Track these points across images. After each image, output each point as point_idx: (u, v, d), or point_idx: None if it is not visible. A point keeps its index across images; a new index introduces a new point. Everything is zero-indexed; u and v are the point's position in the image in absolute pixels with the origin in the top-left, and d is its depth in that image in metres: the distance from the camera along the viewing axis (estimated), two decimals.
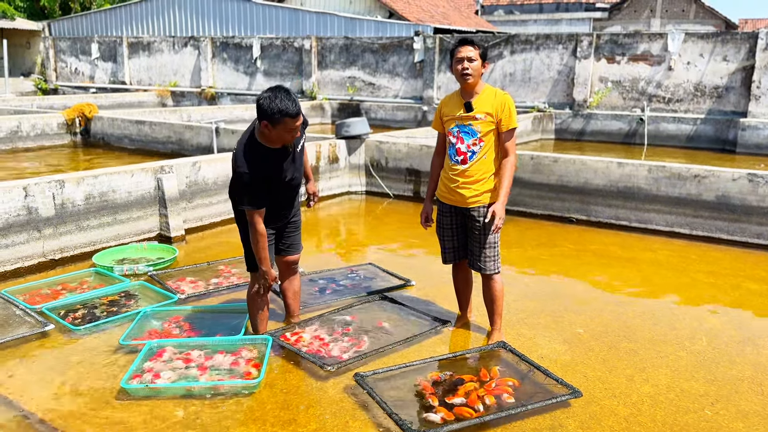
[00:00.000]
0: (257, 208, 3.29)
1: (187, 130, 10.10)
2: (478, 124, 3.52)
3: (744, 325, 4.19)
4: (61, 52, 22.50)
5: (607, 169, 6.58)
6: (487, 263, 3.66)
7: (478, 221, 3.59)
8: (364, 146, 8.18)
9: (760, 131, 11.91)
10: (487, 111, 3.50)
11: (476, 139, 3.53)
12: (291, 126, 3.19)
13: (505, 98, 3.52)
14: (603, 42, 13.69)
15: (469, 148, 3.54)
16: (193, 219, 6.25)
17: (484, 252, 3.64)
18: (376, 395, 3.06)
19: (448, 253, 3.85)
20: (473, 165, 3.55)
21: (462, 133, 3.56)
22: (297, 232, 3.76)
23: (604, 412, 3.06)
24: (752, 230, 5.92)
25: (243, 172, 3.24)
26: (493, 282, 3.72)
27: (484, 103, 3.52)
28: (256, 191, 3.26)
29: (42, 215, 5.01)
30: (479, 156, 3.54)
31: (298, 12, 20.50)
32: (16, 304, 4.15)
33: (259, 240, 3.35)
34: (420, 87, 15.73)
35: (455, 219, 3.73)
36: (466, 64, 3.46)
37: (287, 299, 3.94)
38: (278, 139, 3.26)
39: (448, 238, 3.80)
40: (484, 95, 3.54)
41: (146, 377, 3.24)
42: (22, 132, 11.08)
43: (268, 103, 3.12)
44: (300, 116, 3.20)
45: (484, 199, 3.58)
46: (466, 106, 3.54)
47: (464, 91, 3.58)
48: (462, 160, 3.57)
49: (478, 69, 3.48)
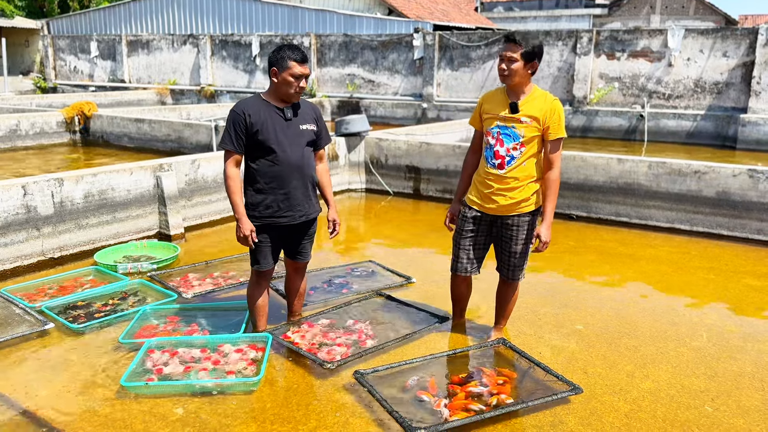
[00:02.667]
0: (231, 147, 3.32)
1: (186, 128, 10.09)
2: (522, 127, 3.27)
3: (745, 321, 4.18)
4: (60, 51, 22.48)
5: (607, 166, 6.57)
6: (515, 272, 3.54)
7: (513, 230, 3.41)
8: (363, 143, 8.16)
9: (761, 127, 11.89)
10: (534, 115, 3.26)
11: (517, 144, 3.28)
12: (296, 72, 3.29)
13: (555, 104, 3.28)
14: (603, 38, 13.66)
15: (509, 152, 3.29)
16: (193, 217, 6.25)
17: (514, 261, 3.50)
18: (377, 393, 3.06)
19: (460, 264, 3.58)
20: (511, 171, 3.30)
21: (503, 134, 3.31)
22: (311, 242, 3.72)
23: (604, 408, 3.06)
24: (753, 226, 5.91)
25: (231, 110, 3.38)
26: (513, 287, 3.66)
27: (531, 106, 3.28)
28: (236, 131, 3.31)
29: (41, 214, 5.00)
30: (518, 162, 3.29)
31: (297, 9, 20.46)
32: (16, 303, 4.14)
33: (229, 185, 3.35)
34: (420, 84, 15.71)
35: (480, 228, 3.49)
36: (505, 64, 3.23)
37: (291, 299, 3.93)
38: (284, 88, 3.32)
39: (465, 248, 3.54)
40: (532, 97, 3.30)
41: (146, 375, 3.23)
42: (21, 131, 11.07)
43: (277, 50, 3.36)
44: (306, 64, 3.34)
45: (520, 209, 3.36)
46: (511, 106, 3.29)
47: (510, 90, 3.34)
48: (499, 164, 3.32)
49: (520, 70, 3.22)
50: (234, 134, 3.32)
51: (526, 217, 3.41)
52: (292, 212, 3.45)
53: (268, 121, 3.34)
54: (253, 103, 3.38)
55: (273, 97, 3.41)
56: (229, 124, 3.35)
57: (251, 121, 3.31)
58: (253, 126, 3.31)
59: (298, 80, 3.32)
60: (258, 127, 3.31)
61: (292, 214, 3.46)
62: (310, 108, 3.56)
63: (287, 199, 3.41)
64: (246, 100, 3.41)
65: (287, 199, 3.41)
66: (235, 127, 3.32)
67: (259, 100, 3.41)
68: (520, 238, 3.44)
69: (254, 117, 3.32)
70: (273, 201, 3.40)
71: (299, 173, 3.43)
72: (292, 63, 3.29)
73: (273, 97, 3.41)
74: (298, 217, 3.48)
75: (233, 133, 3.32)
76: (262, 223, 3.43)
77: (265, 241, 3.47)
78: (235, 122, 3.32)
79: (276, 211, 3.41)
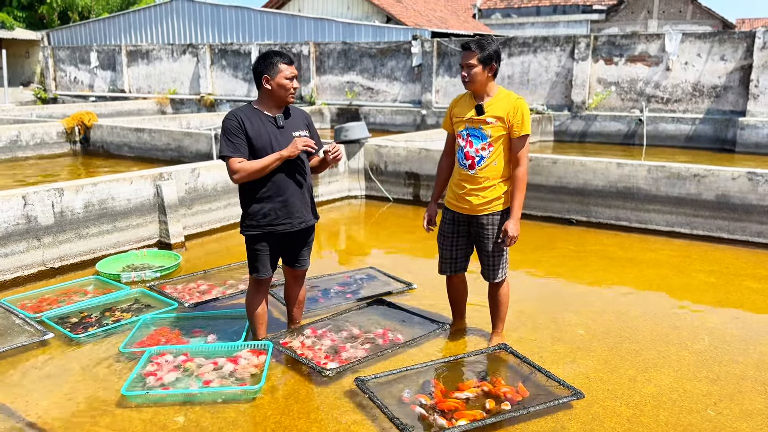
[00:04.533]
0: (232, 153, 3.28)
1: (186, 137, 10.11)
2: (488, 128, 3.41)
3: (746, 324, 4.17)
4: (60, 62, 22.56)
5: (607, 170, 6.58)
6: (495, 272, 3.60)
7: (487, 229, 3.51)
8: (363, 150, 8.18)
9: (759, 130, 11.91)
10: (498, 115, 3.40)
11: (485, 144, 3.42)
12: (287, 74, 3.32)
13: (518, 103, 3.41)
14: (600, 43, 13.71)
15: (478, 152, 3.44)
16: (193, 225, 6.25)
17: (491, 261, 3.58)
18: (377, 399, 3.05)
19: (444, 264, 3.75)
20: (481, 170, 3.44)
21: (471, 136, 3.47)
22: (309, 250, 3.71)
23: (606, 414, 3.05)
24: (753, 229, 5.91)
25: (225, 118, 3.36)
26: (500, 288, 3.69)
27: (496, 106, 3.42)
28: (235, 135, 3.29)
29: (41, 224, 5.00)
30: (488, 161, 3.43)
31: (296, 18, 20.56)
32: (16, 314, 4.14)
33: (246, 167, 3.25)
34: (418, 91, 15.76)
35: (458, 228, 3.63)
36: (465, 71, 3.40)
37: (290, 306, 3.92)
38: (281, 92, 3.33)
39: (447, 248, 3.70)
40: (497, 98, 3.45)
41: (147, 384, 3.22)
42: (22, 141, 11.10)
43: (262, 58, 3.37)
44: (294, 65, 3.38)
45: (493, 207, 3.48)
46: (477, 108, 3.44)
47: (475, 93, 3.49)
48: (470, 164, 3.47)
49: (479, 74, 3.38)
50: (234, 139, 3.29)
51: (498, 216, 3.50)
52: (291, 219, 3.45)
53: (262, 130, 3.34)
54: (246, 112, 3.38)
55: (265, 105, 3.41)
56: (227, 131, 3.32)
57: (246, 128, 3.31)
58: (249, 134, 3.31)
59: (292, 82, 3.35)
60: (252, 135, 3.31)
61: (291, 222, 3.45)
62: (300, 114, 3.57)
63: (285, 207, 3.41)
64: (239, 109, 3.41)
65: (285, 206, 3.41)
66: (233, 132, 3.30)
67: (251, 109, 3.40)
68: (493, 238, 3.52)
69: (248, 125, 3.32)
70: (271, 209, 3.39)
71: (296, 180, 3.44)
72: (282, 66, 3.32)
73: (265, 105, 3.41)
74: (297, 224, 3.48)
75: (232, 138, 3.29)
76: (260, 231, 3.42)
77: (263, 249, 3.47)
78: (231, 128, 3.31)
79: (274, 219, 3.41)
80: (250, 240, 3.49)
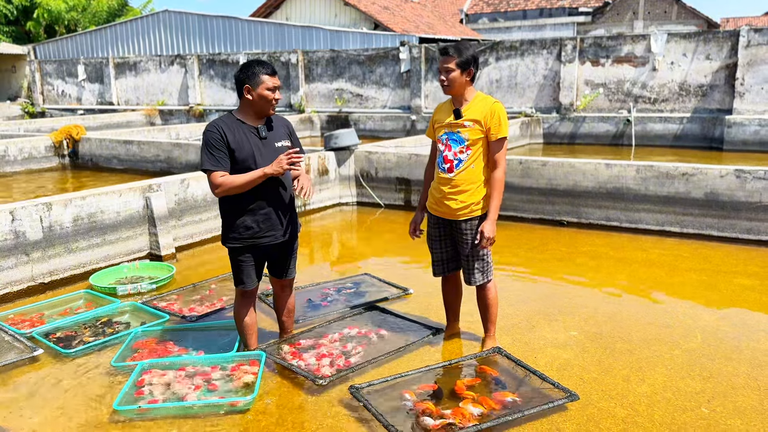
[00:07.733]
0: (213, 166, 3.24)
1: (175, 148, 10.08)
2: (466, 131, 3.44)
3: (738, 321, 4.19)
4: (48, 75, 22.47)
5: (596, 171, 6.61)
6: (475, 275, 3.62)
7: (466, 234, 3.53)
8: (353, 157, 8.18)
9: (746, 127, 12.02)
10: (475, 118, 3.43)
11: (463, 147, 3.45)
12: (270, 84, 3.28)
13: (495, 106, 3.43)
14: (587, 45, 13.81)
15: (456, 155, 3.47)
16: (184, 236, 6.22)
17: (472, 264, 3.60)
18: (372, 407, 3.03)
19: (437, 266, 3.78)
20: (459, 174, 3.46)
21: (450, 140, 3.49)
22: (294, 259, 3.68)
23: (601, 415, 3.05)
24: (742, 226, 5.95)
25: (206, 130, 3.32)
26: (485, 291, 3.69)
27: (474, 110, 3.45)
28: (217, 148, 3.23)
29: (30, 239, 4.96)
30: (466, 165, 3.46)
31: (283, 27, 20.57)
32: (5, 330, 4.09)
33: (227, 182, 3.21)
34: (408, 96, 15.79)
35: (444, 230, 3.66)
36: (443, 75, 3.43)
37: (281, 317, 3.89)
38: (262, 103, 3.29)
39: (437, 250, 3.73)
40: (474, 102, 3.48)
41: (139, 398, 3.19)
42: (9, 156, 11.02)
43: (244, 68, 3.31)
44: (276, 76, 3.33)
45: (471, 212, 3.49)
46: (455, 113, 3.48)
47: (454, 98, 3.53)
48: (448, 168, 3.49)
49: (458, 78, 3.41)
50: (216, 152, 3.24)
51: (476, 221, 3.51)
52: (274, 231, 3.41)
53: (244, 141, 3.30)
54: (228, 123, 3.33)
55: (246, 115, 3.37)
56: (208, 144, 3.26)
57: (228, 140, 3.26)
58: (231, 146, 3.26)
59: (273, 92, 3.31)
60: (235, 147, 3.26)
61: (274, 234, 3.42)
62: (282, 123, 3.53)
63: (268, 220, 3.37)
64: (219, 119, 3.36)
65: (268, 219, 3.37)
66: (215, 145, 3.24)
67: (233, 120, 3.36)
68: (472, 242, 3.53)
69: (230, 136, 3.27)
70: (253, 221, 3.35)
71: (279, 193, 3.40)
72: (265, 77, 3.27)
73: (246, 115, 3.37)
74: (280, 236, 3.45)
75: (214, 151, 3.24)
76: (243, 244, 3.38)
77: (247, 260, 3.43)
78: (213, 140, 3.25)
79: (257, 232, 3.37)
80: (233, 252, 3.45)
